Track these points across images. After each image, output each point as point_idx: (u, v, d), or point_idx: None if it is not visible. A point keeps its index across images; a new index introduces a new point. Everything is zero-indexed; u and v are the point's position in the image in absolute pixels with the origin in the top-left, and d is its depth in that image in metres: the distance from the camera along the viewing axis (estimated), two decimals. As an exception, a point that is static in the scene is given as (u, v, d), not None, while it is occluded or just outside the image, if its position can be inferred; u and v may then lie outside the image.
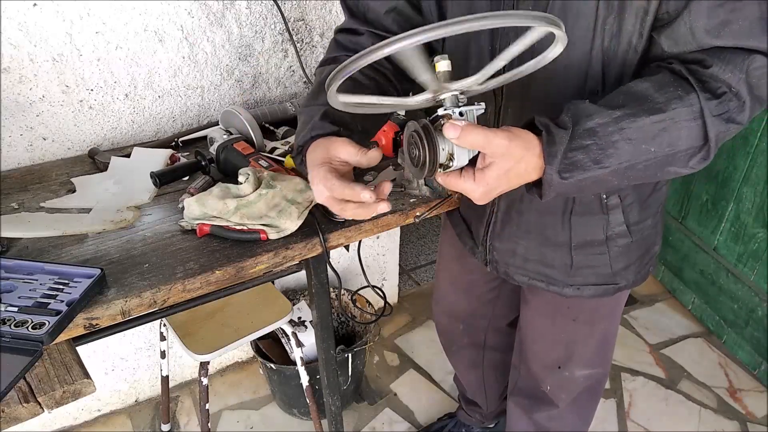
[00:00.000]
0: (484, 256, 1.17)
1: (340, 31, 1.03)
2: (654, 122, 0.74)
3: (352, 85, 0.89)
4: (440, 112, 0.71)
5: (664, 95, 0.74)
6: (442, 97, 0.72)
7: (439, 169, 0.73)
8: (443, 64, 0.71)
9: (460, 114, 0.71)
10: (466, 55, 0.94)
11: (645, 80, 0.77)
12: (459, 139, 0.68)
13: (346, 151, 0.79)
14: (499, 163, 0.71)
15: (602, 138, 0.74)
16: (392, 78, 0.98)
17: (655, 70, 0.79)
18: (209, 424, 1.51)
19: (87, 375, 0.92)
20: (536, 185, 0.78)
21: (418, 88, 0.74)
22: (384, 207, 0.76)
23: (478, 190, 0.73)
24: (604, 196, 0.97)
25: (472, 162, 0.74)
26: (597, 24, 0.79)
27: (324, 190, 0.78)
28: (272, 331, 1.51)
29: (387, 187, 0.78)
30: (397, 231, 2.17)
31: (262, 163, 1.21)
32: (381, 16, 0.98)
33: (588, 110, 0.75)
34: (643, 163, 0.76)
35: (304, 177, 1.19)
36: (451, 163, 0.72)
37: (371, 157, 0.77)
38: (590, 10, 0.79)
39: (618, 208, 0.99)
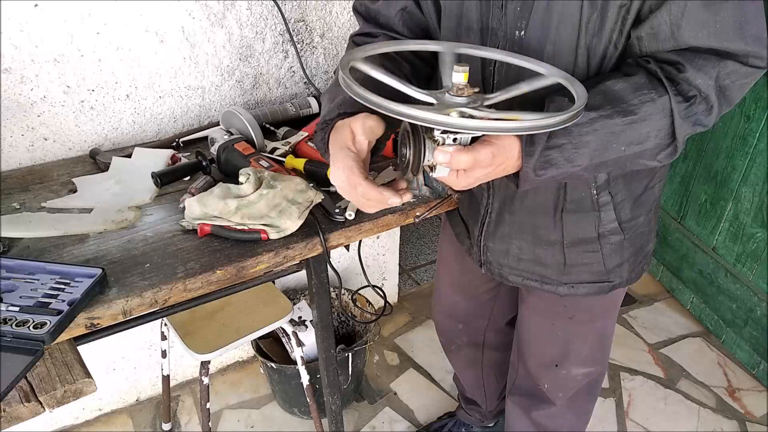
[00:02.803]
0: (479, 257, 1.17)
1: (356, 35, 1.06)
2: (626, 124, 0.78)
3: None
4: (436, 134, 0.74)
5: (638, 97, 0.78)
6: (444, 112, 0.72)
7: (421, 172, 0.79)
8: (459, 77, 0.72)
9: (454, 140, 0.74)
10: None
11: (622, 80, 0.80)
12: (449, 163, 0.74)
13: (361, 126, 0.81)
14: (483, 169, 0.77)
15: (576, 137, 0.79)
16: (414, 73, 1.01)
17: (633, 69, 0.82)
18: (210, 423, 1.51)
19: (88, 374, 0.92)
20: (515, 176, 0.83)
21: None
22: (395, 201, 0.80)
23: (460, 184, 0.79)
24: (595, 192, 0.98)
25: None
26: (581, 23, 0.81)
27: (343, 177, 0.80)
28: (273, 331, 1.52)
29: (401, 184, 0.84)
30: (397, 231, 2.18)
31: (263, 163, 1.21)
32: (391, 19, 1.00)
33: (566, 108, 0.78)
34: (614, 159, 0.82)
35: (304, 177, 1.20)
36: (432, 173, 0.78)
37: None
38: (575, 11, 0.80)
39: (609, 205, 1.00)
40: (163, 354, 1.67)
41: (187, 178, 1.26)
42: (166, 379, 1.74)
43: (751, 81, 0.80)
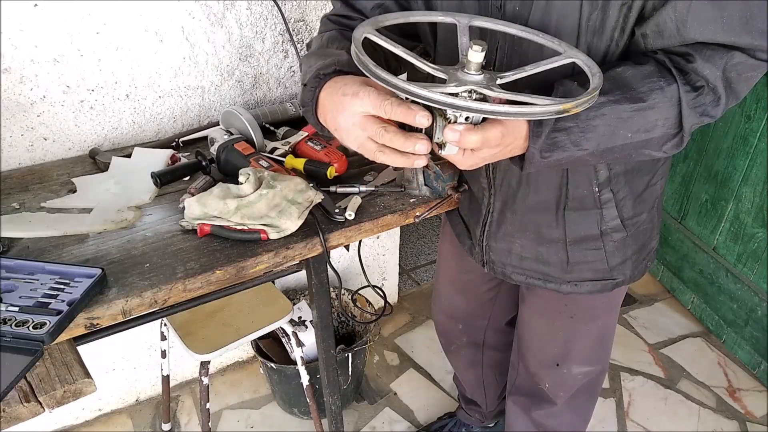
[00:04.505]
0: (481, 256, 1.17)
1: (332, 15, 1.03)
2: (634, 110, 0.78)
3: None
4: (449, 112, 0.73)
5: (647, 85, 0.79)
6: (457, 90, 0.72)
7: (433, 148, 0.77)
8: (475, 55, 0.71)
9: (466, 119, 0.74)
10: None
11: (632, 67, 0.80)
12: (458, 143, 0.73)
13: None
14: (491, 149, 0.77)
15: (584, 121, 0.79)
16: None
17: (642, 58, 0.82)
18: (210, 424, 1.51)
19: (88, 374, 0.92)
20: (520, 158, 0.83)
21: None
22: (422, 147, 0.73)
23: (466, 163, 0.78)
24: (597, 190, 0.98)
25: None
26: (582, 22, 0.81)
27: (369, 107, 0.74)
28: (272, 331, 1.52)
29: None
30: (397, 231, 2.18)
31: (263, 163, 1.21)
32: (367, 10, 1.00)
33: (575, 93, 0.79)
34: (620, 146, 0.82)
35: (304, 177, 1.20)
36: (442, 150, 0.77)
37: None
38: (574, 8, 0.80)
39: (611, 202, 1.00)
40: (163, 354, 1.67)
41: (187, 178, 1.26)
42: (165, 379, 1.74)
43: (758, 74, 0.80)
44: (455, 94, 0.70)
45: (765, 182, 1.90)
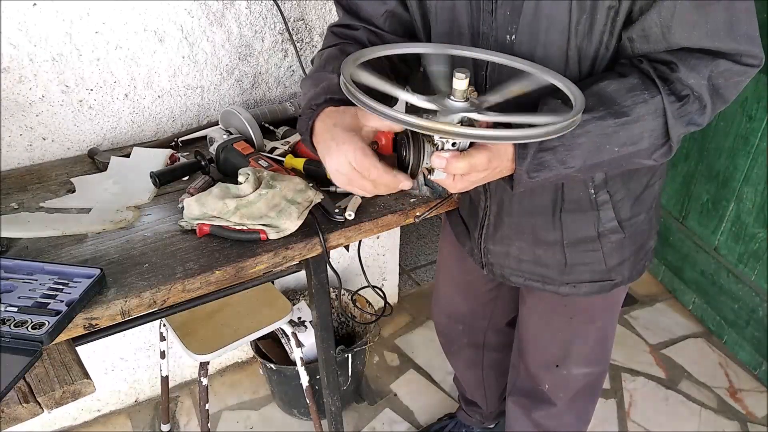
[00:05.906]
0: (480, 258, 1.17)
1: (335, 26, 1.04)
2: (618, 125, 0.78)
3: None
4: (436, 138, 0.75)
5: (631, 98, 0.78)
6: (447, 117, 0.73)
7: (421, 174, 0.80)
8: (460, 83, 0.72)
9: (453, 145, 0.75)
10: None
11: (615, 81, 0.80)
12: (445, 169, 0.75)
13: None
14: (479, 173, 0.78)
15: (569, 140, 0.79)
16: (394, 71, 1.01)
17: (626, 69, 0.82)
18: (209, 425, 1.50)
19: (87, 375, 0.92)
20: (509, 178, 0.84)
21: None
22: (408, 183, 0.80)
23: (456, 187, 0.80)
24: (593, 192, 0.98)
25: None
26: (571, 25, 0.81)
27: (354, 160, 0.77)
28: (272, 332, 1.51)
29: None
30: (397, 231, 2.17)
31: (262, 163, 1.21)
32: (374, 17, 1.00)
33: (559, 110, 0.79)
34: (607, 161, 0.82)
35: (304, 177, 1.19)
36: (431, 176, 0.80)
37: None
38: (563, 13, 0.80)
39: (608, 204, 1.00)
40: (162, 355, 1.66)
41: (186, 177, 1.25)
42: (164, 379, 1.73)
43: (746, 79, 0.80)
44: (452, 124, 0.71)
45: (766, 182, 1.90)
